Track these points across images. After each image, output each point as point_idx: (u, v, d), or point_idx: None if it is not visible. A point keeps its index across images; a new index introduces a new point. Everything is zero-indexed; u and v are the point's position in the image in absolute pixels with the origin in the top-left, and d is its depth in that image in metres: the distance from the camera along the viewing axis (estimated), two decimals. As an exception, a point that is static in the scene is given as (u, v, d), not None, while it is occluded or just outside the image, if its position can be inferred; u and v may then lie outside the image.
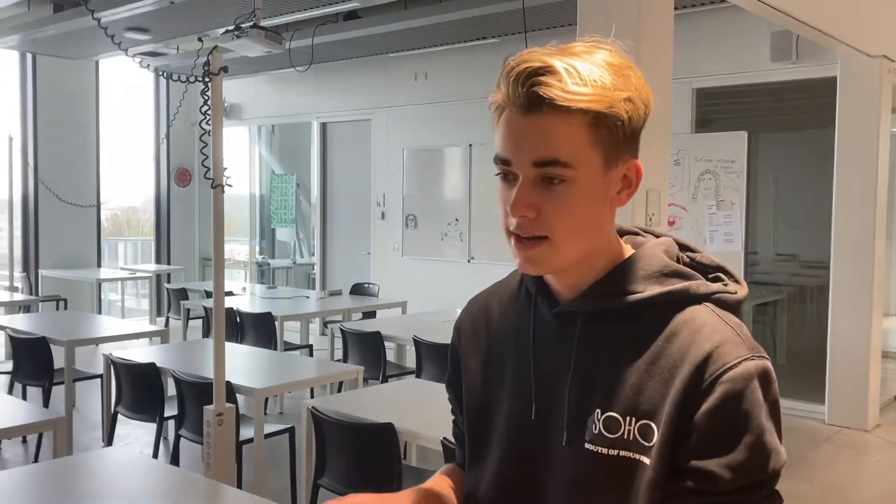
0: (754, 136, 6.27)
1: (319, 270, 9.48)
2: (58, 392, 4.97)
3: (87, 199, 9.18)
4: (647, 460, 0.94)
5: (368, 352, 5.24)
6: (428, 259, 8.23)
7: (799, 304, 7.21)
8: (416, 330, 5.15)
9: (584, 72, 0.93)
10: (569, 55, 0.95)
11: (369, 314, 6.86)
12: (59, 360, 4.97)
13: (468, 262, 7.89)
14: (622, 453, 0.96)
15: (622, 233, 1.08)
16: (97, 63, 9.42)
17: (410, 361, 5.59)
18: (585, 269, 1.02)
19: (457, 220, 7.98)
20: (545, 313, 1.06)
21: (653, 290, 0.99)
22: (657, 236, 1.08)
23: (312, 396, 5.44)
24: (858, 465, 5.06)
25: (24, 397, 5.28)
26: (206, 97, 3.30)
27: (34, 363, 4.93)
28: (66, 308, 8.35)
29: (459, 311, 4.90)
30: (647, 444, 0.94)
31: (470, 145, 7.84)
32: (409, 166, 8.41)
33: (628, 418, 0.96)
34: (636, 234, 1.09)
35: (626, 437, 0.96)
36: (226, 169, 3.35)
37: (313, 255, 9.73)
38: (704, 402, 0.91)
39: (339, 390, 4.77)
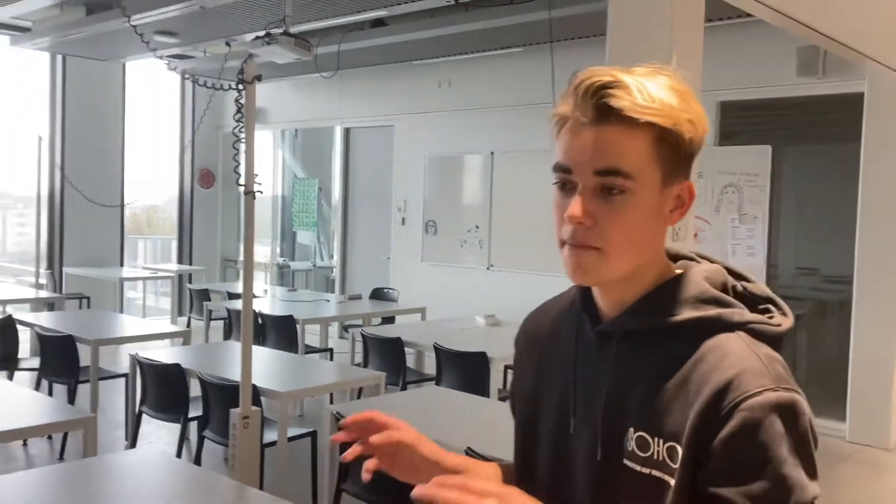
0: (778, 150, 6.25)
1: (339, 274, 9.54)
2: (82, 390, 5.04)
3: (112, 198, 9.29)
4: (672, 481, 0.96)
5: (388, 357, 5.27)
6: (447, 265, 8.26)
7: (819, 319, 7.16)
8: (436, 336, 5.18)
9: (652, 90, 0.96)
10: (636, 74, 0.98)
11: (388, 319, 6.90)
12: (83, 359, 5.04)
13: (487, 269, 7.91)
14: (654, 473, 0.98)
15: (678, 257, 1.10)
16: (124, 65, 9.54)
17: (429, 368, 5.62)
18: (631, 286, 1.03)
19: (477, 227, 8.00)
20: (588, 330, 1.09)
21: (688, 314, 1.00)
22: (712, 262, 1.09)
23: (332, 400, 5.48)
24: (879, 484, 5.03)
25: (51, 394, 5.35)
26: (240, 104, 3.35)
27: (61, 361, 5.00)
28: (88, 306, 8.45)
29: (479, 318, 4.96)
30: (673, 465, 0.96)
31: (492, 153, 7.87)
32: (431, 173, 8.45)
33: (656, 439, 0.98)
34: (692, 258, 1.10)
35: (655, 457, 0.98)
36: (257, 175, 3.39)
37: (333, 258, 9.80)
38: (722, 428, 0.92)
39: (359, 395, 4.80)
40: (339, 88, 9.14)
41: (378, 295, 7.55)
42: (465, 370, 4.81)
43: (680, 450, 0.95)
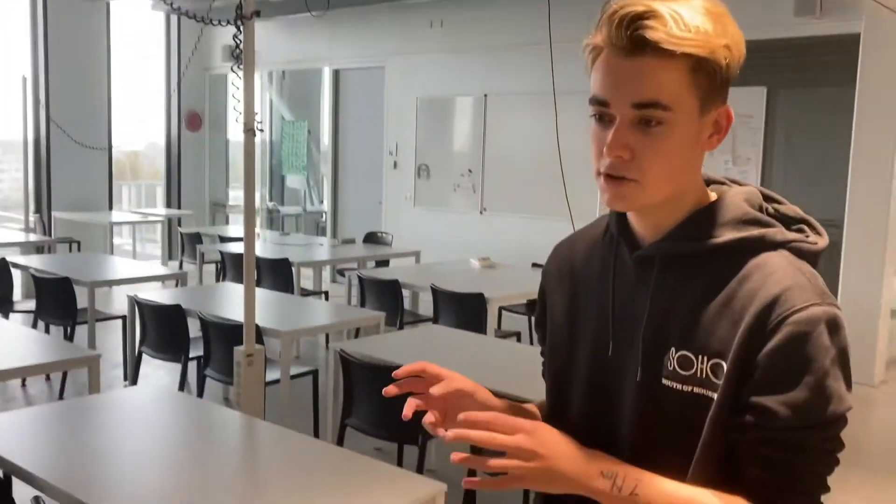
0: (773, 92, 6.24)
1: (330, 219, 9.52)
2: (79, 332, 5.05)
3: (99, 141, 9.17)
4: (714, 395, 0.98)
5: (385, 299, 5.30)
6: (440, 210, 8.26)
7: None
8: (432, 279, 5.20)
9: (687, 18, 0.95)
10: (670, 1, 0.96)
11: (382, 263, 6.92)
12: (79, 301, 5.03)
13: (480, 213, 7.92)
14: (696, 390, 1.00)
15: (709, 182, 1.11)
16: (108, 4, 9.32)
17: (425, 309, 5.67)
18: (670, 211, 1.04)
19: (470, 171, 7.98)
20: (626, 257, 1.10)
21: (730, 235, 1.02)
22: (741, 186, 1.10)
23: (328, 341, 5.52)
24: (866, 420, 5.16)
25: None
26: (238, 41, 3.29)
27: (57, 303, 5.00)
28: (79, 250, 8.40)
29: (474, 260, 5.00)
30: (717, 381, 0.98)
31: (485, 95, 7.80)
32: (423, 115, 8.38)
33: (701, 357, 1.00)
34: (723, 183, 1.11)
35: (698, 374, 1.00)
36: (257, 114, 3.36)
37: (323, 202, 9.76)
38: (769, 341, 0.94)
39: (356, 336, 4.85)
40: (328, 29, 8.98)
41: (372, 239, 7.56)
42: (462, 311, 4.85)
43: (725, 365, 0.98)
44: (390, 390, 1.11)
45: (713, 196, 1.07)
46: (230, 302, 4.63)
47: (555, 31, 5.77)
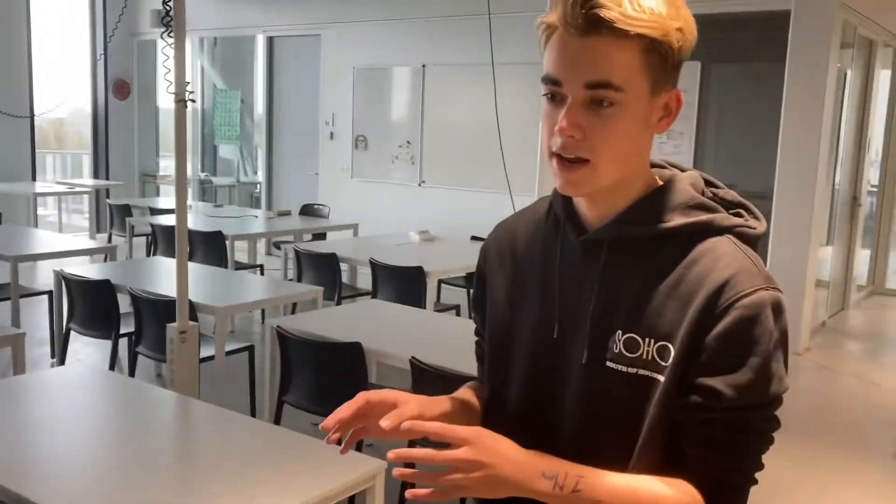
0: (707, 67, 6.34)
1: (265, 190, 9.34)
2: (2, 309, 4.86)
3: (21, 109, 8.77)
4: (660, 377, 0.99)
5: (322, 273, 5.24)
6: (378, 181, 8.18)
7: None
8: (370, 252, 5.16)
9: None
10: None
11: (319, 236, 6.84)
12: (1, 276, 4.84)
13: (419, 185, 7.87)
14: (640, 372, 1.01)
15: (652, 165, 1.11)
16: (27, -36, 8.88)
17: (363, 283, 5.63)
18: (619, 195, 1.05)
19: (408, 142, 7.92)
20: (572, 239, 1.09)
21: (679, 220, 1.03)
22: (682, 171, 1.11)
23: (263, 317, 5.45)
24: (793, 386, 5.35)
25: (-34, 313, 5.14)
26: (168, 7, 3.17)
27: (-23, 278, 4.79)
28: (0, 223, 8.06)
29: (413, 233, 4.97)
30: (663, 363, 0.99)
31: (423, 66, 7.72)
32: (360, 86, 8.25)
33: (647, 339, 1.01)
34: (662, 166, 1.12)
35: (644, 356, 1.01)
36: (188, 83, 3.24)
37: (257, 173, 9.57)
38: (718, 324, 0.96)
39: (293, 311, 4.78)
40: (262, -5, 8.74)
41: (308, 211, 7.45)
42: (401, 285, 4.83)
43: (672, 349, 0.99)
44: (332, 439, 1.04)
45: (659, 181, 1.08)
46: (162, 277, 4.51)
47: (493, 3, 5.74)
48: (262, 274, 6.39)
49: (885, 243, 8.21)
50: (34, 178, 9.30)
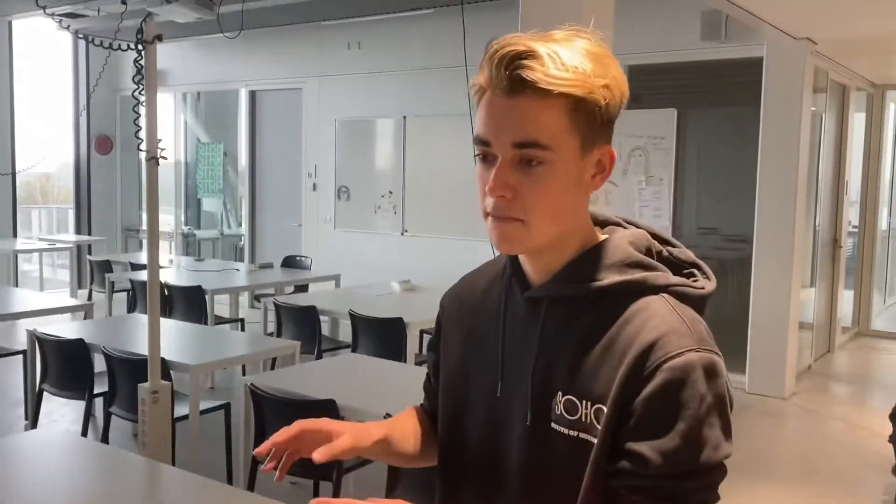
0: (683, 114, 6.41)
1: (248, 242, 9.32)
2: (-24, 369, 4.78)
3: (2, 166, 8.76)
4: (595, 440, 0.98)
5: (303, 326, 5.19)
6: (361, 231, 8.17)
7: (721, 277, 7.30)
8: (351, 303, 5.12)
9: (565, 58, 0.95)
10: (551, 41, 0.96)
11: (302, 287, 6.79)
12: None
13: (402, 234, 7.87)
14: (581, 435, 0.99)
15: (607, 223, 1.11)
16: (10, 23, 8.94)
17: (344, 336, 5.57)
18: (557, 252, 1.04)
19: (390, 192, 7.93)
20: (517, 296, 1.09)
21: (613, 278, 1.01)
22: (637, 227, 1.10)
23: (244, 371, 5.37)
24: (777, 431, 5.31)
25: (-60, 375, 5.05)
26: (140, 66, 3.18)
27: (-50, 340, 4.71)
28: (-20, 281, 7.99)
29: (395, 284, 4.93)
30: (599, 426, 0.97)
31: (404, 117, 7.78)
32: (342, 137, 8.30)
33: (584, 402, 0.99)
34: (619, 224, 1.11)
35: (583, 419, 0.99)
36: (161, 140, 3.24)
37: (241, 226, 9.55)
38: (645, 387, 0.93)
39: (273, 366, 4.72)
40: (243, 49, 8.83)
41: (290, 263, 7.41)
42: (382, 336, 4.78)
43: (606, 411, 0.97)
44: (267, 467, 1.11)
45: (601, 237, 1.07)
46: (138, 334, 4.44)
47: (470, 54, 5.80)
48: (242, 328, 6.33)
49: (867, 284, 8.23)
50: (15, 235, 9.24)
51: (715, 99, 6.70)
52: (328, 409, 3.03)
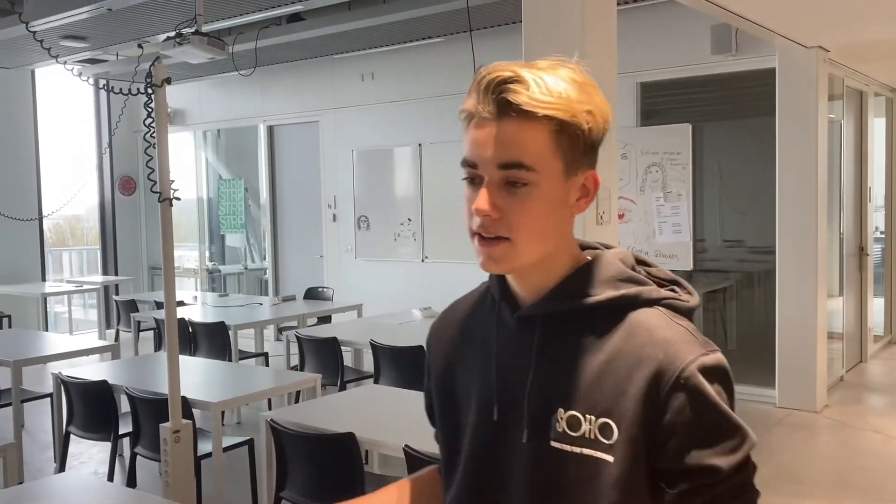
0: (698, 128, 6.38)
1: (272, 275, 9.38)
2: (5, 414, 4.84)
3: (29, 211, 8.92)
4: (609, 458, 0.98)
5: (325, 357, 5.20)
6: (382, 260, 8.20)
7: (747, 290, 7.37)
8: (373, 333, 5.13)
9: (550, 83, 0.99)
10: (536, 69, 1.00)
11: (324, 319, 6.82)
12: (4, 381, 4.83)
13: (422, 261, 7.88)
14: (585, 451, 0.99)
15: (585, 247, 1.13)
16: (33, 72, 9.16)
17: (368, 365, 5.57)
18: (546, 272, 1.06)
19: (409, 219, 7.96)
20: (507, 317, 1.10)
21: (608, 293, 1.03)
22: (616, 249, 1.13)
23: (270, 405, 5.39)
24: (809, 446, 5.20)
25: (-29, 421, 5.12)
26: (150, 109, 3.23)
27: (-21, 386, 4.78)
28: (10, 325, 8.11)
29: (416, 311, 4.90)
30: (607, 441, 0.98)
31: (419, 144, 7.83)
32: (360, 167, 8.36)
33: (588, 416, 1.00)
34: (596, 247, 1.13)
35: (587, 435, 0.99)
36: (173, 181, 3.28)
37: (265, 259, 9.63)
38: (672, 401, 0.96)
39: (297, 398, 4.72)
40: (259, 86, 8.96)
41: (312, 294, 7.45)
42: (403, 365, 4.77)
43: (615, 426, 0.98)
44: None
45: (588, 258, 1.09)
46: (163, 373, 4.44)
47: (480, 80, 5.84)
48: (266, 363, 6.36)
49: (898, 290, 8.08)
50: (44, 279, 9.39)
51: (729, 112, 6.67)
52: (348, 442, 3.02)
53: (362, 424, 3.17)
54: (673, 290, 1.08)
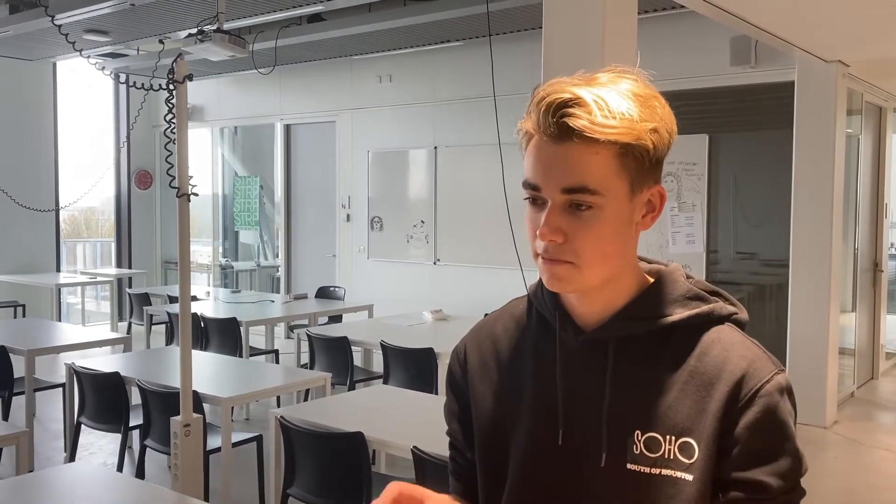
0: (714, 139, 6.37)
1: (284, 273, 9.42)
2: (17, 402, 4.88)
3: (46, 202, 9.01)
4: (688, 477, 0.98)
5: (335, 357, 5.22)
6: (394, 261, 8.22)
7: (759, 303, 7.33)
8: (384, 334, 5.14)
9: (612, 104, 0.96)
10: (596, 86, 0.97)
11: (335, 318, 6.84)
12: (18, 369, 4.88)
13: (434, 263, 7.90)
14: (664, 472, 0.99)
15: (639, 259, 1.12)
16: (55, 64, 9.24)
17: (377, 366, 5.59)
18: (612, 292, 1.04)
19: (422, 221, 7.98)
20: (569, 340, 1.07)
21: (681, 313, 1.03)
22: (665, 265, 1.12)
23: (279, 402, 5.41)
24: (818, 462, 5.17)
25: (-17, 408, 5.16)
26: (171, 105, 3.26)
27: (-7, 373, 4.83)
28: (24, 314, 8.19)
29: (426, 313, 4.89)
30: (687, 461, 0.98)
31: (435, 147, 7.85)
32: (375, 168, 8.39)
33: (668, 437, 0.99)
34: (651, 262, 1.12)
35: (666, 455, 0.99)
36: (192, 177, 3.31)
37: (277, 257, 9.67)
38: (744, 415, 0.97)
39: (307, 396, 4.75)
40: (277, 84, 9.01)
41: (324, 293, 7.48)
42: (413, 366, 4.79)
43: (695, 444, 0.98)
44: None
45: (650, 277, 1.08)
46: (174, 367, 4.50)
47: (498, 85, 5.85)
48: (276, 360, 6.39)
49: (911, 308, 8.03)
50: (59, 269, 9.47)
51: (747, 124, 6.65)
52: (356, 441, 3.04)
53: (371, 424, 3.19)
54: (732, 305, 1.09)
